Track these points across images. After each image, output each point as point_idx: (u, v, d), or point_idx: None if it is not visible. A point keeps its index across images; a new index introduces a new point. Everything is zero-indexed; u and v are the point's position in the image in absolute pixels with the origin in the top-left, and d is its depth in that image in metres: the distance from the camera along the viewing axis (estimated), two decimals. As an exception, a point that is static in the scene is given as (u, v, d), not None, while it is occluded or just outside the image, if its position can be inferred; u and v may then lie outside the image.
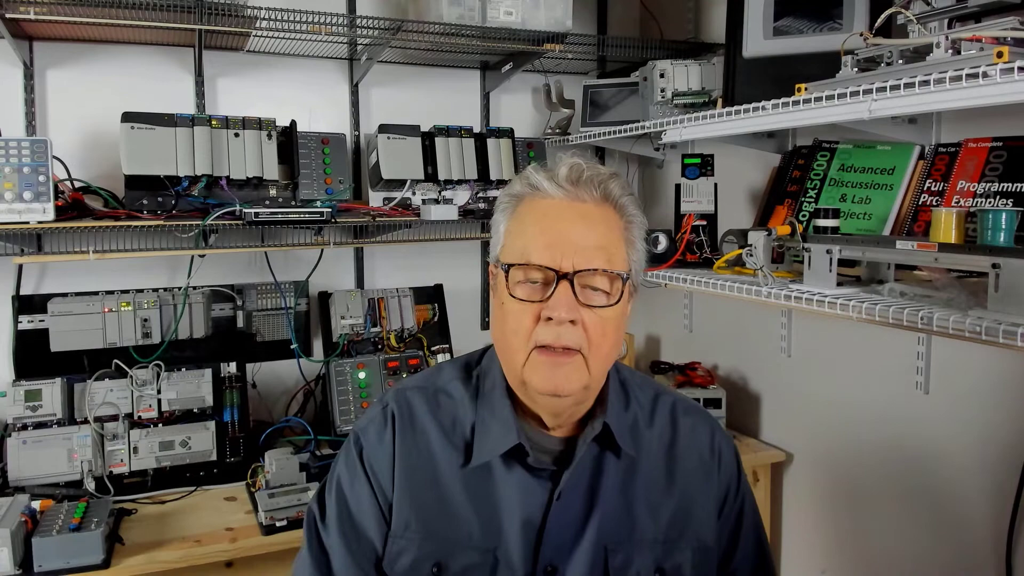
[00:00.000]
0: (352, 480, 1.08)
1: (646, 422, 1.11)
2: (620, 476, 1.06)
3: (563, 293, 0.94)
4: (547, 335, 0.95)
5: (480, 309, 2.74)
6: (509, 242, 1.01)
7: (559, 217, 0.98)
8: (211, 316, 2.28)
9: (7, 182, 1.74)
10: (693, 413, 1.16)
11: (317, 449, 2.15)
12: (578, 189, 0.99)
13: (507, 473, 1.03)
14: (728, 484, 1.14)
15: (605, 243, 0.97)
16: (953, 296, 1.32)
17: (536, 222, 0.98)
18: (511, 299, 0.97)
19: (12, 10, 1.80)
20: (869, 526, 1.96)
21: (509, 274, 0.98)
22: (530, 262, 0.96)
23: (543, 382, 0.96)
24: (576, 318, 0.95)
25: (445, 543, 1.03)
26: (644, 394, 1.14)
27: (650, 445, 1.10)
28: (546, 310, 0.94)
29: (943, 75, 1.23)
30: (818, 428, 2.12)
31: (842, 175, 1.88)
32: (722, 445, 1.15)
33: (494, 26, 2.16)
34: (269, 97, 2.36)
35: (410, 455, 1.06)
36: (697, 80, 2.22)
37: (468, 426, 1.06)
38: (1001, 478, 1.61)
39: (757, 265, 1.63)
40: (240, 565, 1.72)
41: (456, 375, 1.12)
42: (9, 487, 1.84)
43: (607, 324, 0.97)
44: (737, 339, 2.41)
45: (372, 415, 1.11)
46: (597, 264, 0.96)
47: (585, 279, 0.96)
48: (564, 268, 0.95)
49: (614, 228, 1.00)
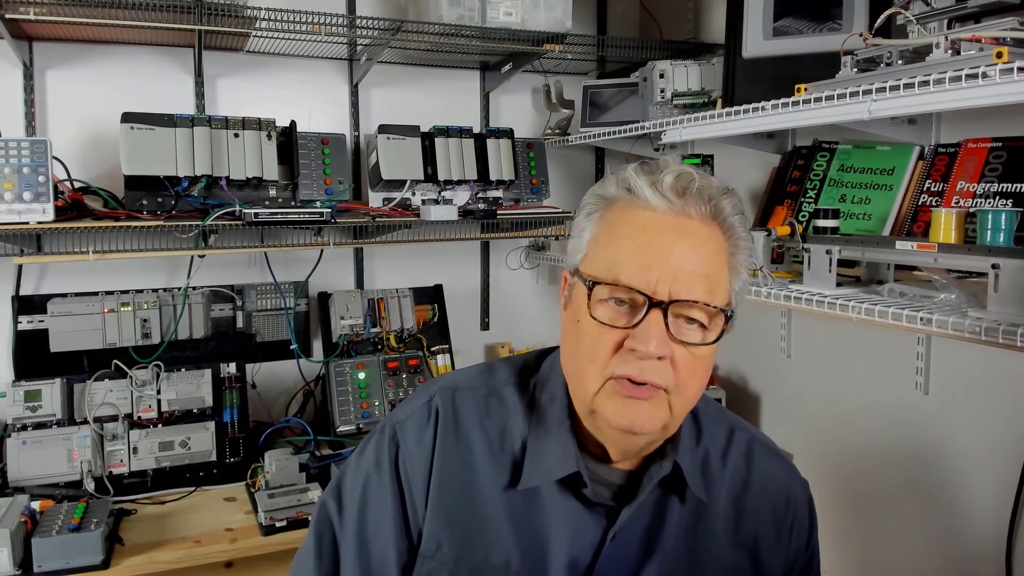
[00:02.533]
0: (380, 483, 0.95)
1: (719, 463, 0.99)
2: (684, 522, 0.94)
3: (655, 324, 0.81)
4: (629, 368, 0.82)
5: (480, 310, 2.74)
6: (594, 252, 0.87)
7: (659, 233, 0.83)
8: (211, 316, 2.28)
9: (7, 182, 1.74)
10: (771, 457, 1.04)
11: (317, 449, 2.15)
12: (685, 202, 0.84)
13: (558, 502, 0.91)
14: (800, 543, 1.03)
15: (709, 270, 0.84)
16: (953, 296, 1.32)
17: (631, 235, 0.84)
18: (591, 320, 0.84)
19: (12, 10, 1.80)
20: (869, 526, 1.96)
21: (593, 291, 0.84)
22: (619, 281, 0.82)
23: (618, 416, 0.84)
24: (666, 354, 0.82)
25: (480, 570, 0.91)
26: (718, 429, 1.01)
27: (720, 489, 0.97)
28: (631, 340, 0.82)
29: (943, 75, 1.22)
30: (818, 428, 2.12)
31: (842, 175, 1.88)
32: (799, 498, 1.04)
33: (494, 26, 2.16)
34: (269, 97, 2.36)
35: (451, 464, 0.93)
36: (697, 80, 2.22)
37: (519, 442, 0.93)
38: (1001, 478, 1.61)
39: (757, 265, 1.63)
40: (240, 565, 1.72)
41: (511, 379, 0.99)
42: (9, 487, 1.84)
43: (699, 363, 0.85)
44: (737, 339, 2.37)
45: (413, 408, 0.97)
46: (698, 295, 0.82)
47: (681, 310, 0.83)
48: (659, 295, 0.81)
49: (720, 253, 0.86)
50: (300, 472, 1.90)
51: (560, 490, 0.91)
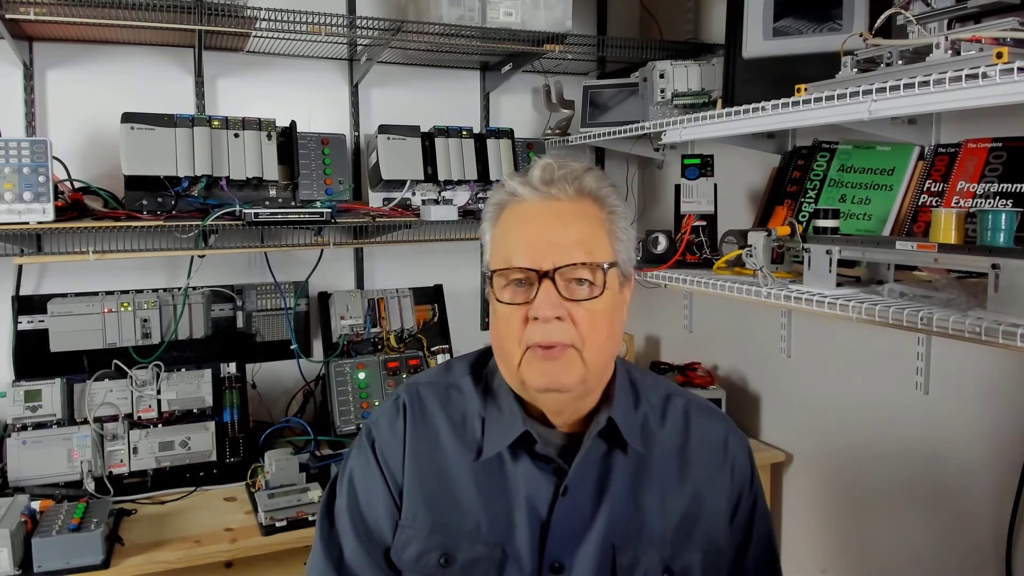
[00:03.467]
0: (365, 471, 1.09)
1: (657, 422, 1.10)
2: (629, 474, 1.06)
3: (546, 292, 0.95)
4: (536, 334, 0.96)
5: (480, 309, 2.74)
6: (494, 250, 1.03)
7: (535, 219, 0.99)
8: (211, 316, 2.28)
9: (7, 182, 1.74)
10: (707, 413, 1.15)
11: (317, 449, 2.15)
12: (552, 188, 1.00)
13: (515, 466, 1.04)
14: (742, 486, 1.13)
15: (584, 237, 0.98)
16: (953, 296, 1.32)
17: (515, 227, 1.00)
18: (499, 304, 0.99)
19: (12, 10, 1.80)
20: (869, 526, 1.96)
21: (494, 280, 1.00)
22: (511, 265, 0.97)
23: (539, 378, 0.97)
24: (562, 314, 0.95)
25: (453, 535, 1.03)
26: (655, 394, 1.13)
27: (661, 445, 1.09)
28: (532, 310, 0.96)
29: (943, 76, 1.23)
30: (818, 428, 2.12)
31: (842, 175, 1.88)
32: (736, 446, 1.13)
33: (494, 27, 2.16)
34: (269, 97, 2.36)
35: (421, 446, 1.07)
36: (697, 80, 2.22)
37: (478, 423, 1.07)
38: (1001, 478, 1.61)
39: (757, 265, 1.63)
40: (240, 565, 1.72)
41: (466, 372, 1.13)
42: (9, 487, 1.84)
43: (597, 316, 0.97)
44: (737, 339, 2.41)
45: (384, 409, 1.13)
46: (576, 258, 0.96)
47: (567, 274, 0.96)
48: (544, 267, 0.96)
49: (593, 221, 1.00)
50: (300, 472, 1.90)
51: (516, 454, 1.04)
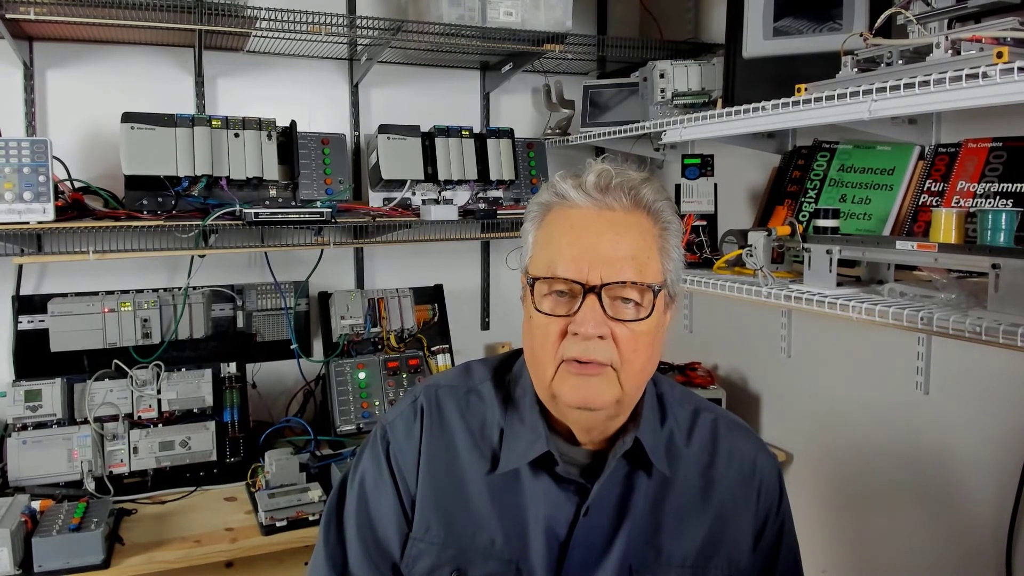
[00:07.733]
0: (377, 477, 1.05)
1: (683, 440, 1.06)
2: (651, 495, 1.02)
3: (590, 308, 0.90)
4: (575, 350, 0.91)
5: (480, 309, 2.74)
6: (537, 253, 0.97)
7: (586, 227, 0.93)
8: (211, 316, 2.28)
9: (7, 182, 1.74)
10: (736, 430, 1.10)
11: (317, 449, 2.15)
12: (607, 197, 0.94)
13: (534, 482, 1.00)
14: (768, 509, 1.08)
15: (635, 252, 0.93)
16: (953, 296, 1.32)
17: (563, 233, 0.94)
18: (538, 313, 0.94)
19: (12, 10, 1.80)
20: (869, 526, 1.96)
21: (535, 287, 0.95)
22: (555, 275, 0.92)
23: (572, 394, 0.93)
24: (605, 333, 0.91)
25: (466, 550, 1.00)
26: (683, 410, 1.09)
27: (687, 463, 1.05)
28: (573, 325, 0.91)
29: (943, 75, 1.23)
30: (818, 428, 2.12)
31: (842, 175, 1.88)
32: (765, 466, 1.09)
33: (494, 26, 2.16)
34: (269, 97, 2.36)
35: (437, 454, 1.03)
36: (697, 80, 2.22)
37: (496, 432, 1.03)
38: (1001, 478, 1.61)
39: (757, 265, 1.63)
40: (240, 565, 1.72)
41: (488, 377, 1.09)
42: (9, 487, 1.84)
43: (640, 338, 0.93)
44: (737, 339, 2.41)
45: (400, 409, 1.08)
46: (626, 276, 0.91)
47: (615, 291, 0.92)
48: (591, 281, 0.91)
49: (646, 236, 0.95)
50: (300, 472, 1.90)
51: (536, 472, 1.00)
